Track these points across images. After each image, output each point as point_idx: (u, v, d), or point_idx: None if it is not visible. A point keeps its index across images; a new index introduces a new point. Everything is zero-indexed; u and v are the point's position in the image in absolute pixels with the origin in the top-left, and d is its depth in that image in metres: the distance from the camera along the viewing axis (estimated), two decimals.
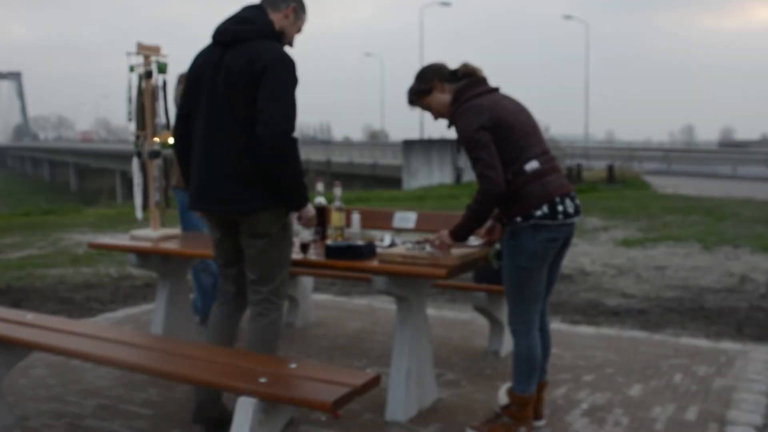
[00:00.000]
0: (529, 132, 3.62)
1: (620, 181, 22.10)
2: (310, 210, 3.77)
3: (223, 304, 3.96)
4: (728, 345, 5.39)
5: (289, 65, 3.53)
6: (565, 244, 3.72)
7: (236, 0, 3.88)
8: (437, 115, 3.81)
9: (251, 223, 3.62)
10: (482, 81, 3.72)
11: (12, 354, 3.95)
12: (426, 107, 3.83)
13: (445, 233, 3.77)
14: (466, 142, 3.55)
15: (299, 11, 3.74)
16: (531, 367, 3.69)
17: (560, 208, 3.53)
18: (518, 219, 3.54)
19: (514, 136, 3.55)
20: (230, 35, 3.58)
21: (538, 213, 3.50)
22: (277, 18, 3.66)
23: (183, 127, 3.77)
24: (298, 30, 3.77)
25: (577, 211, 3.63)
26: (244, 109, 3.50)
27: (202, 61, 3.68)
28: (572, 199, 3.62)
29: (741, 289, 7.42)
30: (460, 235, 3.70)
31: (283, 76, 3.50)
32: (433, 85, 3.76)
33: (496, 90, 3.73)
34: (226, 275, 3.93)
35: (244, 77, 3.48)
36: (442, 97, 3.76)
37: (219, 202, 3.64)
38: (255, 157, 3.52)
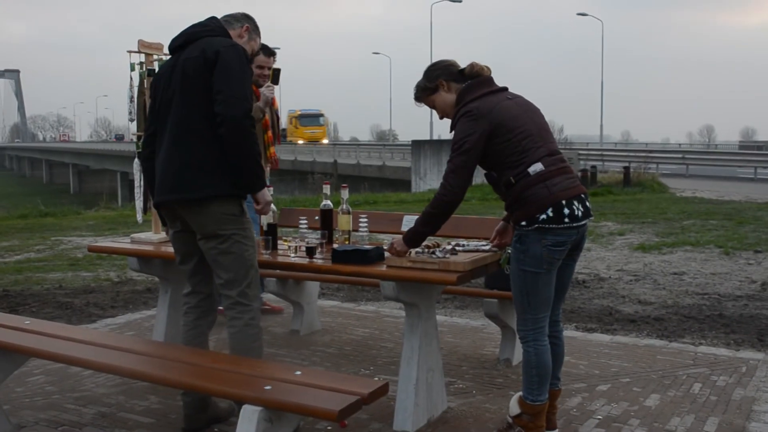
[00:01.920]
0: (533, 133, 3.52)
1: (636, 184, 21.91)
2: (266, 194, 3.77)
3: (187, 312, 4.00)
4: (749, 354, 5.26)
5: (240, 51, 3.64)
6: (577, 247, 3.63)
7: None
8: (442, 114, 3.77)
9: (200, 219, 3.64)
10: (487, 82, 3.64)
11: (9, 361, 3.91)
12: (431, 105, 3.80)
13: (398, 239, 3.77)
14: (452, 145, 3.54)
15: (252, 32, 3.91)
16: (541, 374, 3.60)
17: (566, 211, 3.44)
18: (523, 223, 3.47)
19: (515, 138, 3.47)
20: (183, 38, 3.73)
21: (542, 217, 3.42)
22: (232, 35, 3.80)
23: (150, 146, 3.84)
24: (252, 50, 3.91)
25: (586, 214, 3.53)
26: (195, 95, 3.59)
27: (159, 73, 3.85)
28: (581, 202, 3.52)
29: (762, 296, 7.27)
30: (413, 240, 3.74)
31: (237, 60, 3.58)
32: (438, 84, 3.71)
33: (502, 90, 3.64)
34: (183, 272, 3.99)
35: (197, 65, 3.57)
36: (447, 96, 3.70)
37: (169, 191, 3.67)
38: (205, 142, 3.57)
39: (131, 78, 4.74)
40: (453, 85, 3.68)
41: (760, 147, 43.86)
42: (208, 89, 3.54)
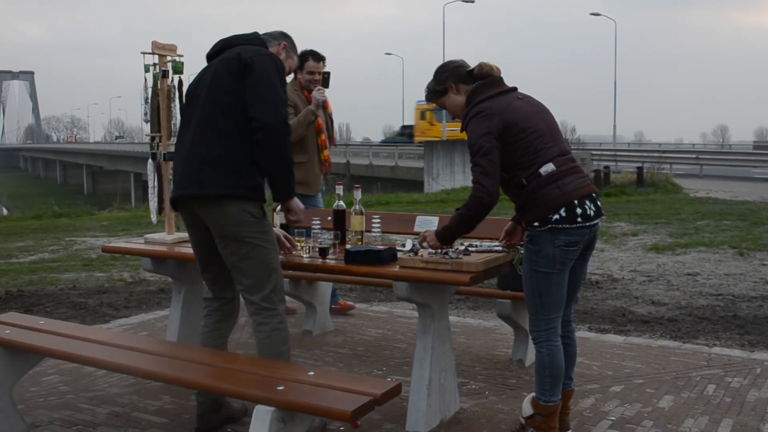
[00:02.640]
0: (545, 133, 3.52)
1: (650, 185, 21.80)
2: (297, 203, 3.76)
3: (209, 314, 3.97)
4: (763, 355, 5.23)
5: (277, 60, 3.65)
6: (588, 247, 3.63)
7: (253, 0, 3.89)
8: (453, 115, 3.79)
9: (218, 219, 3.58)
10: (496, 82, 3.63)
11: (24, 360, 3.93)
12: (441, 106, 3.81)
13: (431, 234, 3.76)
14: (470, 147, 3.51)
15: (290, 50, 3.92)
16: (554, 375, 3.60)
17: (578, 210, 3.44)
18: (536, 224, 3.46)
19: (527, 138, 3.47)
20: (220, 45, 3.75)
21: (555, 217, 3.41)
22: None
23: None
24: (289, 69, 3.91)
25: (598, 213, 3.53)
26: (223, 95, 3.58)
27: (194, 81, 3.80)
28: (593, 201, 3.51)
29: None
30: (445, 238, 3.72)
31: (274, 67, 3.59)
32: (447, 87, 3.72)
33: (512, 90, 3.63)
34: (204, 279, 3.96)
35: (230, 65, 3.57)
36: (457, 98, 3.71)
37: (186, 186, 3.63)
38: (227, 140, 3.55)
39: (145, 79, 4.73)
40: (462, 87, 3.67)
41: None
42: (236, 91, 3.53)
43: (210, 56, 3.78)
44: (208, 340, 3.92)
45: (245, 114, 3.52)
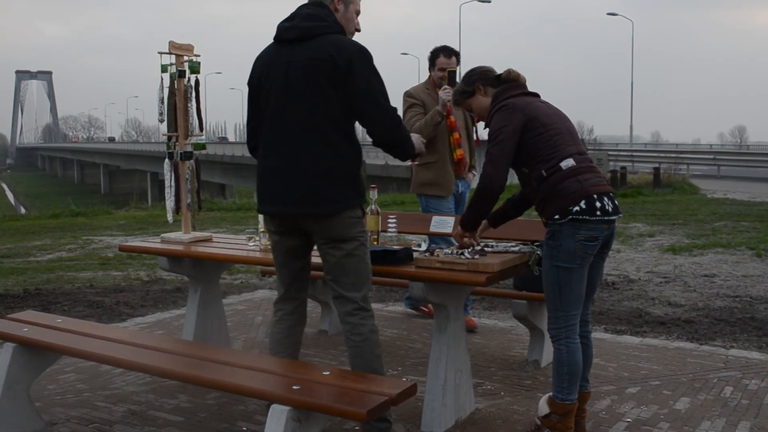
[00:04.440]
0: (564, 132, 3.62)
1: (667, 185, 21.68)
2: (418, 142, 3.81)
3: (282, 319, 3.83)
4: None
5: (370, 57, 3.50)
6: (606, 245, 3.65)
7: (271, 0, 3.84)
8: (478, 117, 3.92)
9: (331, 225, 3.51)
10: (521, 86, 3.79)
11: (41, 359, 3.95)
12: (468, 108, 3.95)
13: (459, 228, 3.93)
14: (488, 137, 3.64)
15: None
16: (572, 373, 3.60)
17: (598, 204, 3.48)
18: (556, 216, 3.50)
19: (549, 133, 3.57)
20: (299, 32, 3.51)
21: (576, 209, 3.45)
22: (336, 15, 3.63)
23: (254, 140, 3.73)
24: (357, 13, 3.70)
25: (616, 210, 3.56)
26: (321, 99, 3.44)
27: (264, 63, 3.61)
28: (611, 199, 3.56)
29: None
30: (465, 224, 3.88)
31: (372, 69, 3.48)
32: (475, 88, 3.86)
33: (535, 95, 3.78)
34: (282, 280, 3.81)
35: (325, 68, 3.42)
36: (483, 100, 3.84)
37: (301, 203, 3.50)
38: (334, 150, 3.47)
39: (162, 79, 4.76)
40: (489, 90, 3.82)
41: None
42: (336, 98, 3.43)
43: (285, 41, 3.56)
44: (282, 347, 3.80)
45: (349, 120, 3.50)
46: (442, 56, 5.58)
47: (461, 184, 5.87)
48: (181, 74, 4.77)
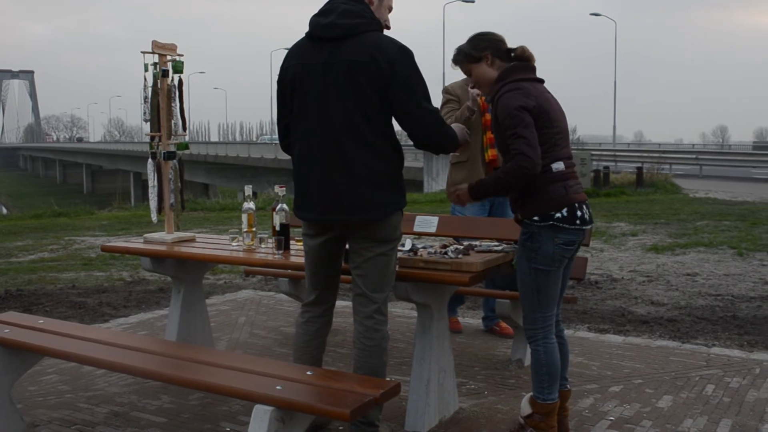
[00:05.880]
0: (563, 132, 3.58)
1: (649, 185, 21.79)
2: (462, 132, 3.73)
3: (309, 321, 3.78)
4: (762, 355, 5.23)
5: (411, 56, 3.42)
6: (576, 249, 3.67)
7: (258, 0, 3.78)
8: (475, 83, 3.73)
9: (376, 228, 3.47)
10: (532, 68, 3.62)
11: (23, 360, 3.92)
12: (467, 72, 3.71)
13: (464, 188, 3.68)
14: (508, 118, 3.41)
15: None
16: (551, 373, 3.61)
17: (578, 213, 3.50)
18: (536, 218, 3.48)
19: (552, 131, 3.49)
20: (340, 30, 3.39)
21: (558, 215, 3.46)
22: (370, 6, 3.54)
23: (287, 138, 3.67)
24: (389, 9, 3.61)
25: (591, 219, 3.61)
26: (363, 102, 3.35)
27: (299, 62, 3.50)
28: (588, 207, 3.60)
29: None
30: (478, 193, 3.66)
31: (414, 71, 3.40)
32: (483, 56, 3.63)
33: (542, 81, 3.64)
34: (314, 282, 3.74)
35: (368, 71, 3.33)
36: (489, 71, 3.63)
37: (348, 209, 3.44)
38: (379, 155, 3.42)
39: (145, 78, 4.73)
40: (497, 62, 3.61)
41: None
42: (376, 98, 3.35)
43: (323, 38, 3.44)
44: (308, 349, 3.76)
45: (389, 122, 3.44)
46: None
47: None
48: (165, 74, 4.75)
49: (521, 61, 3.61)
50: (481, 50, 3.63)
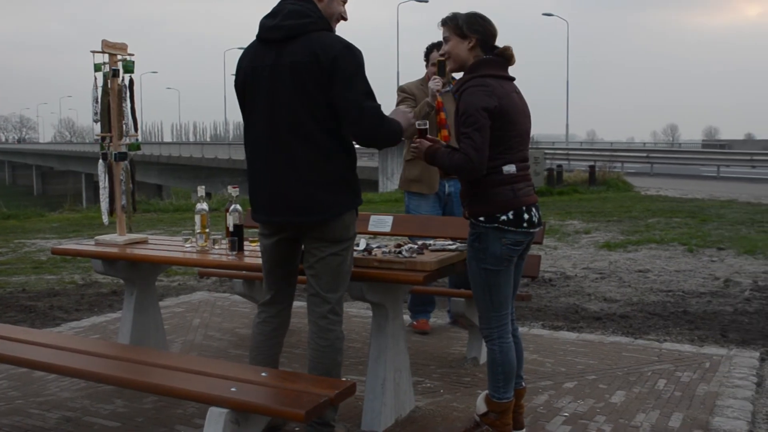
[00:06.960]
0: (523, 134, 3.58)
1: (602, 183, 22.04)
2: (405, 117, 3.69)
3: (265, 321, 3.78)
4: (712, 350, 5.32)
5: (357, 54, 3.40)
6: (527, 248, 3.69)
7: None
8: (447, 57, 3.65)
9: (327, 229, 3.47)
10: (505, 66, 3.60)
11: None
12: (446, 40, 3.64)
13: (425, 147, 3.63)
14: (466, 115, 3.41)
15: None
16: (506, 372, 3.63)
17: (526, 216, 3.51)
18: (481, 219, 3.49)
19: (510, 133, 3.48)
20: (283, 32, 3.41)
21: (503, 218, 3.47)
22: (318, 5, 3.50)
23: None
24: (339, 13, 3.57)
25: (539, 221, 3.62)
26: (308, 102, 3.36)
27: (248, 65, 3.52)
28: (537, 209, 3.60)
29: (725, 292, 7.36)
30: (430, 161, 3.62)
31: (356, 67, 3.36)
32: (470, 36, 3.57)
33: (512, 79, 3.64)
34: (270, 282, 3.75)
35: (310, 70, 3.33)
36: (466, 52, 3.58)
37: (297, 211, 3.45)
38: (327, 156, 3.41)
39: (95, 78, 4.67)
40: (478, 50, 3.57)
41: (723, 146, 44.41)
42: (321, 97, 3.35)
43: (270, 40, 3.45)
44: (264, 349, 3.76)
45: (337, 120, 3.40)
46: (436, 51, 5.51)
47: (449, 185, 5.69)
48: (115, 73, 4.69)
49: (501, 57, 3.59)
50: (472, 31, 3.58)
